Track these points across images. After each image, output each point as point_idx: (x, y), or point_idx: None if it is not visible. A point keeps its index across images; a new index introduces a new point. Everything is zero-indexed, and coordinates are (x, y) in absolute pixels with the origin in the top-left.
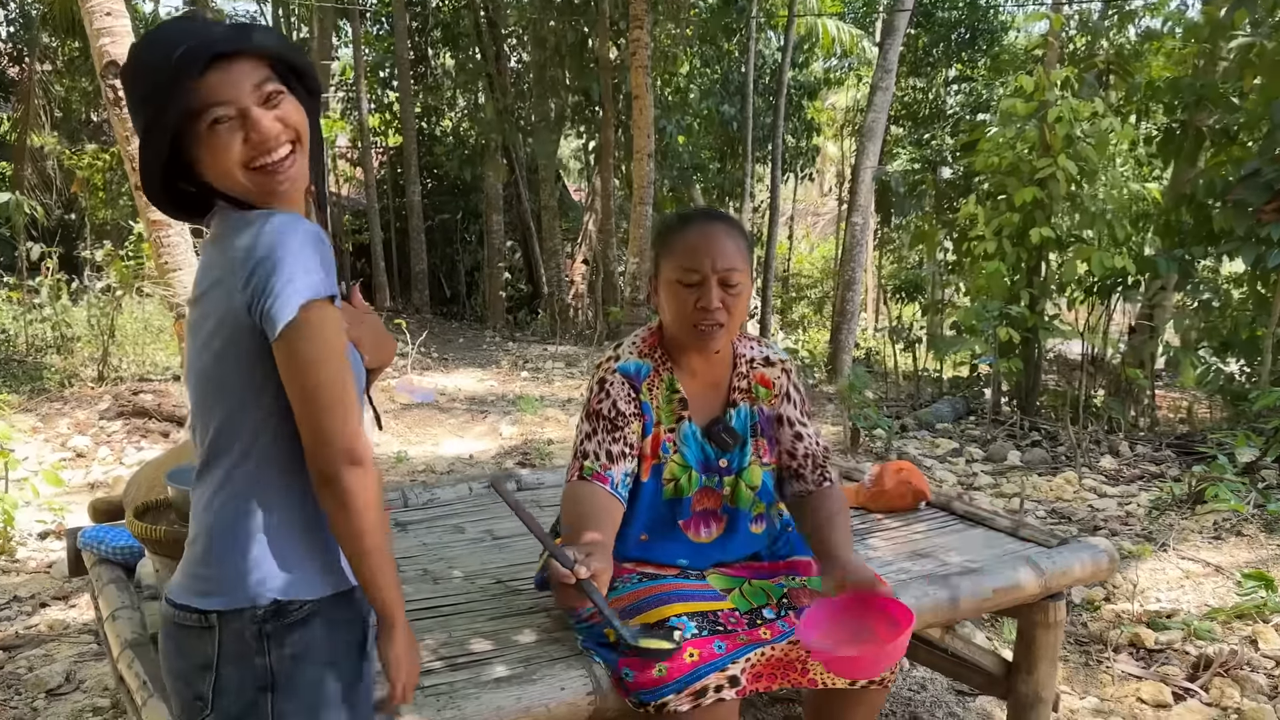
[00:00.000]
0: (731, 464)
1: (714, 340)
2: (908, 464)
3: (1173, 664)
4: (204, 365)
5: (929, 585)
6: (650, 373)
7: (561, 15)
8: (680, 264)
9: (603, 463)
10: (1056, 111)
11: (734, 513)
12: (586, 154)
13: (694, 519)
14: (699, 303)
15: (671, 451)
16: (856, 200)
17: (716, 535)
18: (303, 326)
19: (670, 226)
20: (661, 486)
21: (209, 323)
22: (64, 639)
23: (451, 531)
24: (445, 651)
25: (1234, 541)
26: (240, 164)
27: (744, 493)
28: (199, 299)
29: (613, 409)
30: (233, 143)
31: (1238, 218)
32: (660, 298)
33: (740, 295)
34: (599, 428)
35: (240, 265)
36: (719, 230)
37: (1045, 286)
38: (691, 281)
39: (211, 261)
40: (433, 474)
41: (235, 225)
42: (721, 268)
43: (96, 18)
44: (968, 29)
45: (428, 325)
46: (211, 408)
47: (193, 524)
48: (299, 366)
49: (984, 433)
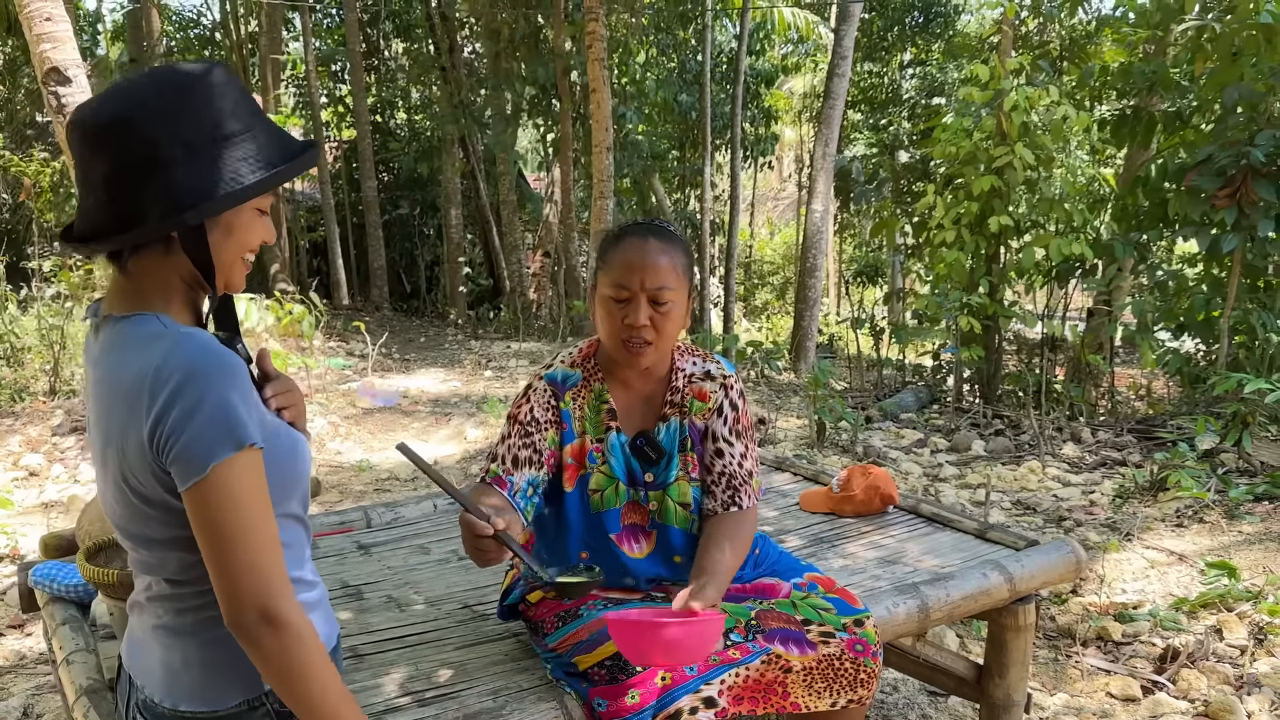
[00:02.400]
0: (657, 478)
1: (642, 357)
2: (876, 469)
3: (1140, 656)
4: (122, 513)
5: (899, 595)
6: (579, 382)
7: (514, 6)
8: (613, 280)
9: (506, 467)
10: (1012, 99)
11: (662, 528)
12: (544, 145)
13: (624, 533)
14: (626, 319)
15: (599, 462)
16: (816, 187)
17: (648, 551)
18: (213, 486)
19: (608, 241)
20: (587, 497)
21: (113, 458)
22: (20, 671)
23: (417, 553)
24: (413, 686)
25: (1196, 529)
26: (249, 251)
27: (671, 508)
28: (99, 424)
29: (529, 415)
30: (260, 233)
31: (1192, 203)
32: (595, 311)
33: (670, 313)
34: (513, 431)
35: (147, 389)
36: (653, 247)
37: (1004, 274)
38: (622, 298)
39: (108, 379)
40: (396, 480)
41: (138, 337)
42: (651, 286)
43: (36, 22)
44: (921, 12)
45: (387, 323)
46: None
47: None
48: (208, 523)
49: (948, 422)
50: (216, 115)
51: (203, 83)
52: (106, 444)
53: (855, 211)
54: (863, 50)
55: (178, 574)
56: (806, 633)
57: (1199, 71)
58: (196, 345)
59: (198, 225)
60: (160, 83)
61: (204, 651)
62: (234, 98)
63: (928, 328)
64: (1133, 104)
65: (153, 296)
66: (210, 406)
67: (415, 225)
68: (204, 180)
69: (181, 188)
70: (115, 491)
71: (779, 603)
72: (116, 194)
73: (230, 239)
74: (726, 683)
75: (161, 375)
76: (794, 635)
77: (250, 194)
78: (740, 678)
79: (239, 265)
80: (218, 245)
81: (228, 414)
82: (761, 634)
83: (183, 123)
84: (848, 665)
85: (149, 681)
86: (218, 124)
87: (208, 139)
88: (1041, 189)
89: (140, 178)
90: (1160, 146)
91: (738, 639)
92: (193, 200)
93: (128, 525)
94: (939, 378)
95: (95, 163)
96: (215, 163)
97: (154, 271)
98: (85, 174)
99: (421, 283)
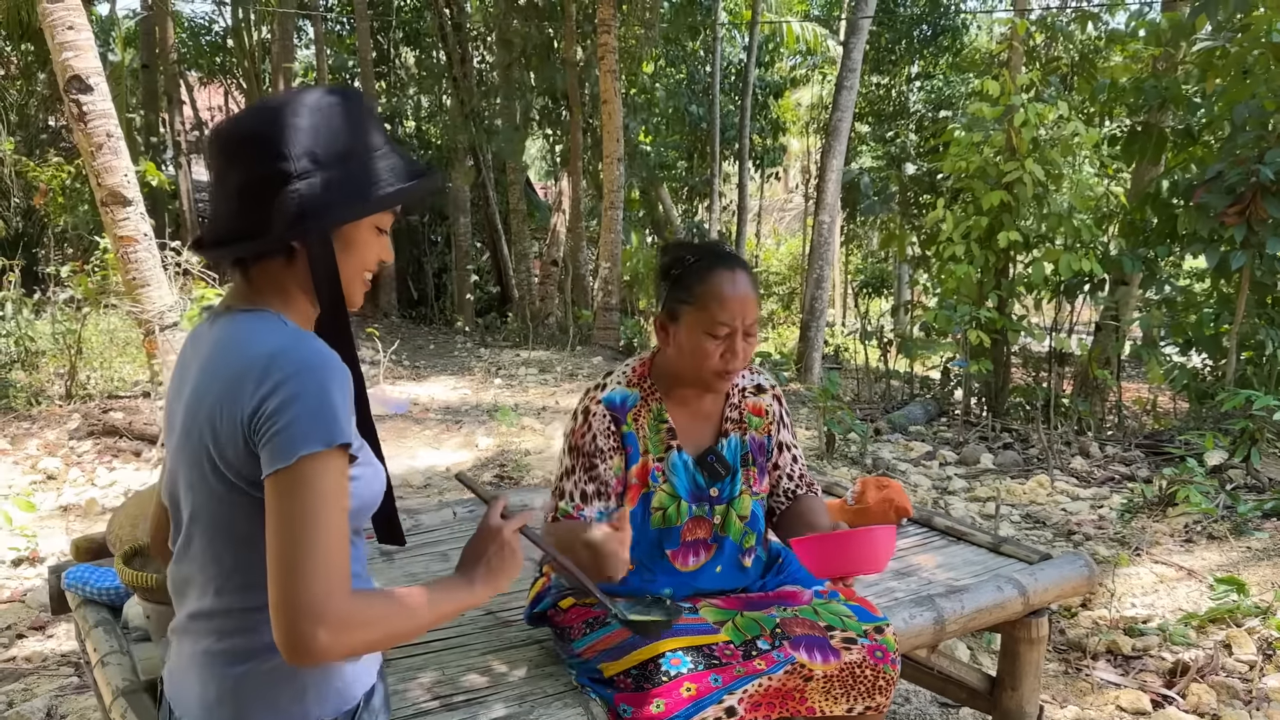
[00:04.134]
0: (722, 493)
1: (729, 384)
2: (890, 481)
3: (1150, 670)
4: (193, 498)
5: (915, 607)
6: (637, 402)
7: (527, 17)
8: (711, 317)
9: (576, 504)
10: (1022, 116)
11: (723, 541)
12: (553, 154)
13: (682, 548)
14: (724, 354)
15: (660, 481)
16: (824, 199)
17: (704, 562)
18: (297, 476)
19: (693, 273)
20: (649, 515)
21: (197, 436)
22: (43, 672)
23: (438, 560)
24: (440, 690)
25: (1205, 544)
26: (367, 269)
27: (734, 522)
28: (189, 404)
29: (592, 444)
30: (378, 252)
31: (1202, 220)
32: (676, 338)
33: (754, 344)
34: (577, 465)
35: (257, 372)
36: (742, 280)
37: (1013, 288)
38: (721, 334)
39: (215, 357)
40: (409, 488)
41: (258, 328)
42: (748, 322)
43: (59, 31)
44: (929, 25)
45: (396, 330)
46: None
47: None
48: (282, 514)
49: (956, 435)
50: (346, 134)
51: (337, 103)
52: (192, 420)
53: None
54: (870, 63)
55: (225, 586)
56: (830, 639)
57: (1210, 89)
58: (314, 343)
59: (324, 238)
60: (298, 101)
61: (240, 685)
62: (364, 120)
63: (936, 341)
64: (1142, 120)
65: (273, 300)
66: (313, 399)
67: (424, 233)
68: (328, 195)
69: (306, 200)
70: (193, 473)
71: (801, 609)
72: (246, 204)
73: (350, 255)
74: (749, 692)
75: (276, 362)
76: (818, 642)
77: (369, 210)
78: (762, 688)
79: (358, 283)
80: (338, 261)
81: (327, 410)
82: (787, 640)
83: (314, 139)
84: (867, 672)
85: (186, 713)
86: (346, 142)
87: (335, 156)
88: (1050, 204)
89: (269, 189)
90: (1169, 163)
91: (765, 647)
92: (315, 213)
93: (197, 508)
94: (947, 390)
95: (230, 173)
96: (340, 179)
97: (277, 279)
98: (220, 183)
99: (429, 290)
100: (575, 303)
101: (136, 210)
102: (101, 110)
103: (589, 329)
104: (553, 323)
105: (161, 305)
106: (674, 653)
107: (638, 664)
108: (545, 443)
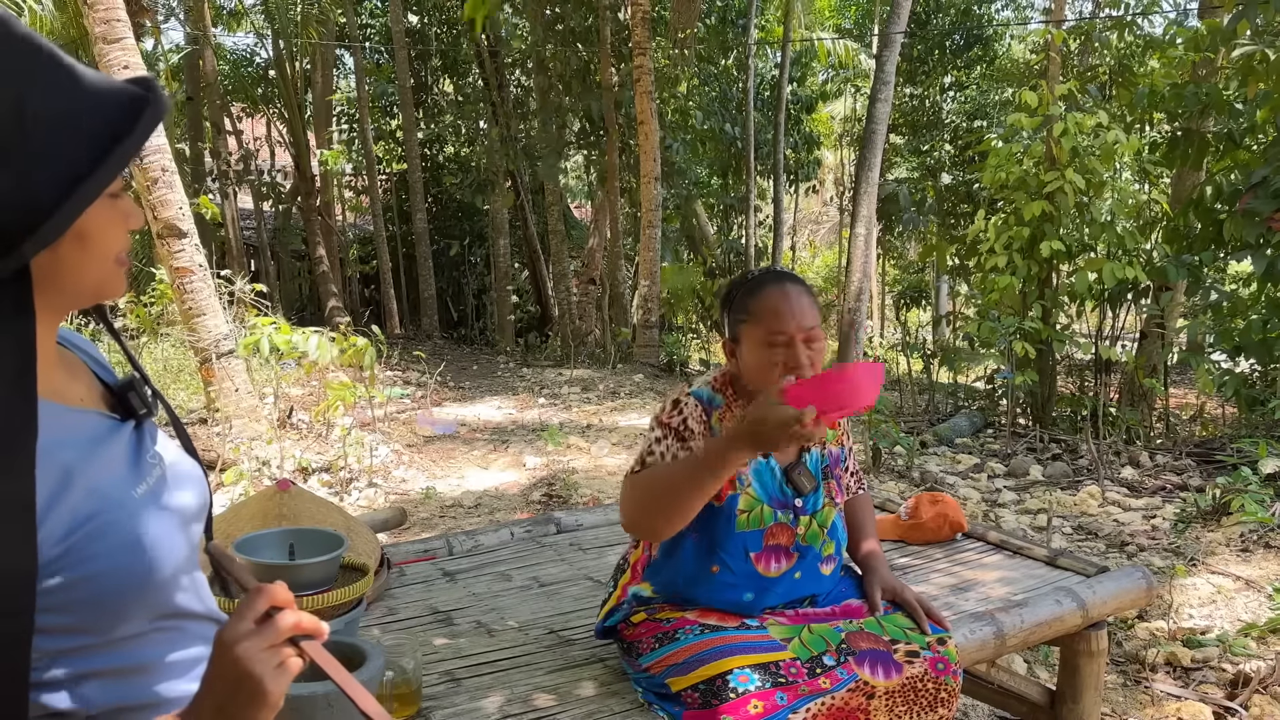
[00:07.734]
0: (806, 505)
1: None
2: (944, 495)
3: (1210, 682)
4: None
5: (975, 622)
6: (724, 405)
7: (563, 42)
8: (766, 328)
9: (668, 462)
10: (1061, 125)
11: (804, 550)
12: (588, 174)
13: (765, 552)
14: (788, 362)
15: (745, 485)
16: (859, 211)
17: (785, 569)
18: None
19: (746, 292)
20: (734, 515)
21: None
22: None
23: (499, 580)
24: (510, 709)
25: (1262, 554)
26: (119, 251)
27: (816, 532)
28: None
29: (683, 424)
30: (123, 221)
31: (1248, 226)
32: (742, 358)
33: (819, 348)
34: (668, 435)
35: None
36: (792, 289)
37: (1056, 297)
38: (779, 343)
39: None
40: (461, 508)
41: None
42: (805, 326)
43: (114, 71)
44: (962, 36)
45: (439, 351)
46: None
47: None
48: None
49: (1003, 446)
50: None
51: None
52: None
53: (898, 234)
54: (903, 74)
55: None
56: (894, 653)
57: (1251, 95)
58: None
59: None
60: None
61: None
62: (22, 72)
63: (980, 352)
64: (1183, 126)
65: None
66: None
67: (464, 255)
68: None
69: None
70: None
71: (866, 623)
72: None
73: (87, 250)
74: (812, 710)
75: None
76: (882, 656)
77: (75, 209)
78: (825, 706)
79: (114, 274)
80: (77, 263)
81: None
82: (852, 656)
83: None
84: (929, 685)
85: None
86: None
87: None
88: (1092, 212)
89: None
90: (1211, 168)
91: (830, 663)
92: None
93: None
94: (992, 401)
95: None
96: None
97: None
98: None
99: (470, 311)
100: (614, 320)
101: (191, 242)
102: (156, 146)
103: (628, 347)
104: (592, 341)
105: (217, 334)
106: (742, 669)
107: (705, 679)
108: (592, 461)
